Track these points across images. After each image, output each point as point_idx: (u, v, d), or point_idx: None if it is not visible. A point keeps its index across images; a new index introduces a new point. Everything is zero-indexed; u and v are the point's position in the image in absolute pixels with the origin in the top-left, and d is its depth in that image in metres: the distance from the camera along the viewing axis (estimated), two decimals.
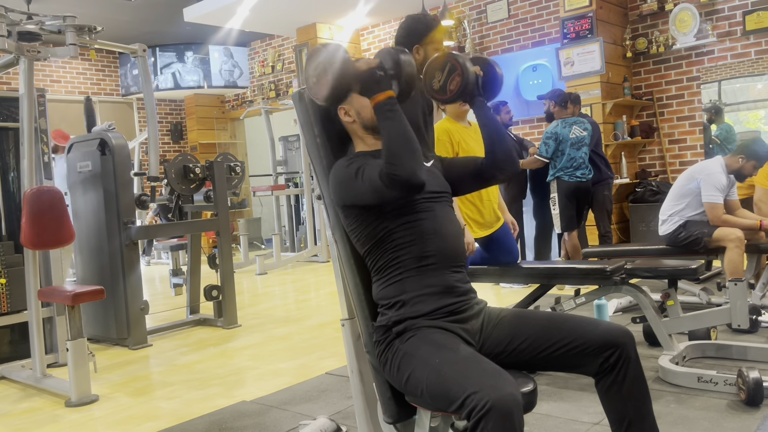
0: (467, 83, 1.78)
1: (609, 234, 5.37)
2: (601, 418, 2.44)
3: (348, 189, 1.69)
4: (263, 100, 9.79)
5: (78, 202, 4.52)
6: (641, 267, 3.20)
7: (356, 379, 1.82)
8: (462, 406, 1.39)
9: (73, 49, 3.75)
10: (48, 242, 3.40)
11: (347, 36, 8.68)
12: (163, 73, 10.03)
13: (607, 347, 1.59)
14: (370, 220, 1.69)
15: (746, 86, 6.24)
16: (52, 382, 3.42)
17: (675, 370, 2.80)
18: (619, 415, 1.63)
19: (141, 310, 4.30)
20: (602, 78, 6.38)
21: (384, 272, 1.70)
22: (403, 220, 1.69)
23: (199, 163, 4.89)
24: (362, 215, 1.70)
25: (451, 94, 1.81)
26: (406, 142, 1.59)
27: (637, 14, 6.79)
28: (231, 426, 2.75)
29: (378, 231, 1.69)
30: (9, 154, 4.07)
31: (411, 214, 1.70)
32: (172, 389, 3.34)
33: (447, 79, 1.80)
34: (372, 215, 1.69)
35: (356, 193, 1.68)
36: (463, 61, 1.78)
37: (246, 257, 8.36)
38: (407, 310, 1.65)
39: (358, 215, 1.71)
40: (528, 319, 1.71)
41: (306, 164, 8.07)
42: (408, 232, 1.69)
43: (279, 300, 5.95)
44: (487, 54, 7.53)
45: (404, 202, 1.70)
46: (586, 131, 5.07)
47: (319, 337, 4.22)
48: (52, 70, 9.47)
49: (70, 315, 3.19)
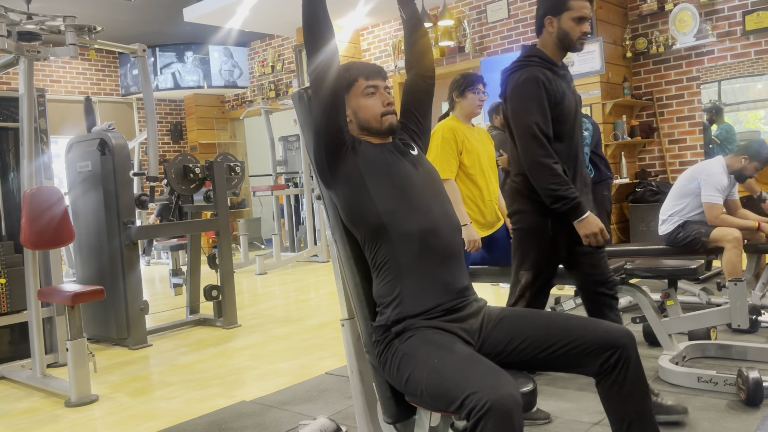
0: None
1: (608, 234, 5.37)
2: (601, 418, 2.44)
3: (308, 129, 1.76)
4: (263, 100, 9.79)
5: (78, 202, 4.52)
6: (641, 267, 3.20)
7: (356, 379, 1.82)
8: (461, 406, 1.39)
9: (73, 49, 3.75)
10: (48, 242, 3.40)
11: (347, 36, 8.67)
12: (163, 73, 10.03)
13: (607, 347, 1.59)
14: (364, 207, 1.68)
15: (746, 86, 6.25)
16: (52, 382, 3.42)
17: (675, 370, 2.80)
18: (620, 415, 1.63)
19: (141, 310, 4.31)
20: (602, 78, 6.38)
21: (382, 269, 1.70)
22: (398, 212, 1.68)
23: (199, 163, 4.90)
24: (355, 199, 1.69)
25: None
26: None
27: (637, 14, 6.79)
28: (231, 426, 2.75)
29: (373, 222, 1.68)
30: (9, 154, 4.07)
31: (405, 206, 1.70)
32: (172, 389, 3.34)
33: None
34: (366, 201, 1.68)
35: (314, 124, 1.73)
36: None
37: (246, 257, 8.37)
38: (404, 307, 1.65)
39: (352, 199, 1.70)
40: (528, 319, 1.70)
41: (306, 164, 8.07)
42: (403, 227, 1.68)
43: (279, 300, 5.95)
44: (487, 54, 7.53)
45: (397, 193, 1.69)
46: (587, 131, 5.07)
47: (319, 337, 4.22)
48: (52, 70, 9.47)
49: (70, 315, 3.19)
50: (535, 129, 2.25)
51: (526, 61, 2.34)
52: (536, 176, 2.28)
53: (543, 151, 2.25)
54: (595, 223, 2.25)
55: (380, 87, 1.83)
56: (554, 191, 2.24)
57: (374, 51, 8.66)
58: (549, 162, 2.25)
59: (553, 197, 2.25)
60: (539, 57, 2.34)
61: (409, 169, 1.78)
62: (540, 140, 2.25)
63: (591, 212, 2.26)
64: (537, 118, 2.25)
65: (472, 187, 3.20)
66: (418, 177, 1.77)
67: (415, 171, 1.78)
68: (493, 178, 3.31)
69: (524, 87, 2.29)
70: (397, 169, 1.75)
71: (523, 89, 2.29)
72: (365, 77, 1.81)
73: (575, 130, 2.38)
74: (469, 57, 7.65)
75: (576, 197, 2.24)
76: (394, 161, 1.77)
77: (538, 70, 2.29)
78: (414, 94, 1.94)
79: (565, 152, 2.33)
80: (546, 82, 2.27)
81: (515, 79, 2.32)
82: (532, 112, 2.26)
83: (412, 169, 1.78)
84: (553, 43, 2.35)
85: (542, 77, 2.28)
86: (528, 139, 2.27)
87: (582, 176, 2.41)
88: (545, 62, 2.33)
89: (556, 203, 2.26)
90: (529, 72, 2.29)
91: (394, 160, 1.77)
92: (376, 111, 1.80)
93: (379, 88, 1.82)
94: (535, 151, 2.26)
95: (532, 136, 2.26)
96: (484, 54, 7.58)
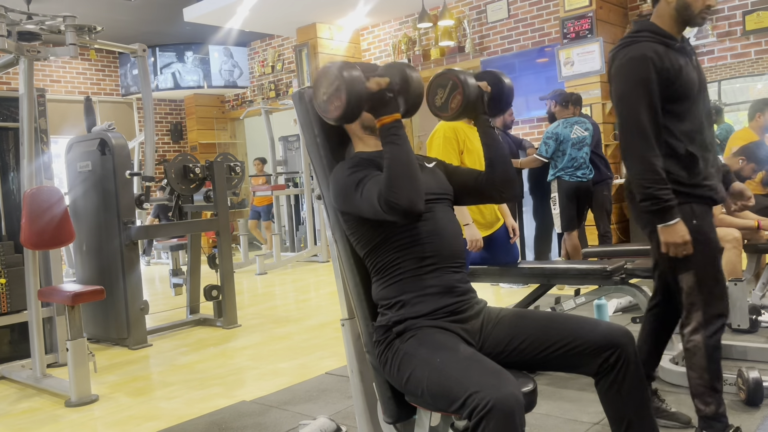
0: (468, 101, 1.77)
1: (608, 234, 5.38)
2: (601, 418, 2.44)
3: (346, 200, 1.68)
4: (263, 100, 9.79)
5: (78, 202, 4.52)
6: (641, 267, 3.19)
7: (356, 379, 1.82)
8: (463, 406, 1.39)
9: (73, 49, 3.75)
10: (48, 242, 3.40)
11: (347, 36, 8.68)
12: (163, 73, 10.03)
13: (606, 347, 1.59)
14: (369, 225, 1.69)
15: (746, 86, 6.24)
16: (52, 382, 3.42)
17: (675, 370, 2.80)
18: (619, 415, 1.63)
19: (141, 310, 4.31)
20: (602, 78, 6.38)
21: (384, 273, 1.71)
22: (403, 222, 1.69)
23: (199, 163, 4.90)
24: (361, 219, 1.70)
25: (452, 112, 1.80)
26: (407, 169, 1.57)
27: (637, 14, 6.79)
28: (231, 426, 2.75)
29: (377, 234, 1.69)
30: (9, 154, 4.07)
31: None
32: (172, 389, 3.34)
33: (449, 96, 1.79)
34: (371, 220, 1.69)
35: (354, 207, 1.67)
36: (464, 78, 1.77)
37: (246, 257, 8.37)
38: (407, 310, 1.66)
39: (357, 219, 1.71)
40: (528, 318, 1.71)
41: (306, 164, 8.07)
42: (407, 234, 1.69)
43: (279, 300, 5.95)
44: (487, 54, 7.53)
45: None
46: (588, 131, 5.07)
47: (319, 337, 4.22)
48: (52, 70, 9.47)
49: (70, 315, 3.19)
50: (640, 118, 2.01)
51: (634, 36, 2.08)
52: (631, 168, 2.08)
53: (644, 144, 2.01)
54: (682, 233, 2.01)
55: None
56: (647, 188, 2.02)
57: (374, 51, 8.66)
58: (648, 156, 2.01)
59: (644, 194, 2.03)
60: (651, 31, 2.07)
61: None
62: (643, 131, 2.01)
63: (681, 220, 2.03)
64: (642, 105, 2.01)
65: None
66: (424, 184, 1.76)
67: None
68: None
69: (630, 67, 2.03)
70: None
71: (629, 70, 2.04)
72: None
73: (698, 109, 2.10)
74: (469, 57, 7.65)
75: (669, 200, 2.01)
76: None
77: (647, 47, 2.02)
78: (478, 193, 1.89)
79: (686, 133, 2.07)
80: (656, 60, 2.01)
81: (621, 58, 2.07)
82: (637, 97, 2.02)
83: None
84: (670, 16, 2.08)
85: (652, 55, 2.01)
86: (629, 128, 2.05)
87: (710, 160, 2.12)
88: (658, 37, 2.06)
89: (645, 201, 2.03)
90: (637, 49, 2.03)
91: None
92: None
93: None
94: (636, 142, 2.03)
95: (634, 126, 2.03)
96: (484, 54, 7.58)
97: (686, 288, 2.09)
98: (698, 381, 2.08)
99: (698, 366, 2.08)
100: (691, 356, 2.09)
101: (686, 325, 2.11)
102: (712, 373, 2.07)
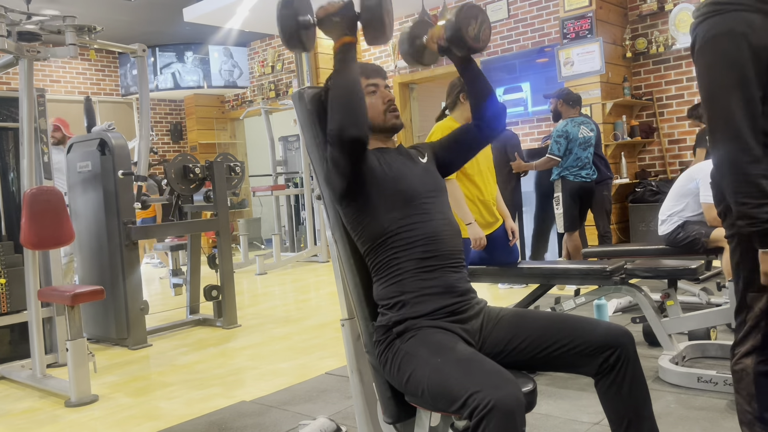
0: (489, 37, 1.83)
1: (608, 234, 5.38)
2: (601, 418, 2.44)
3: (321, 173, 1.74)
4: (263, 100, 9.79)
5: (78, 202, 4.52)
6: (641, 267, 3.20)
7: (356, 379, 1.82)
8: (464, 406, 1.39)
9: (73, 49, 3.75)
10: (48, 242, 3.40)
11: None
12: (162, 73, 10.03)
13: (606, 347, 1.59)
14: (368, 221, 1.70)
15: None
16: (51, 382, 3.42)
17: (675, 370, 2.80)
18: (619, 415, 1.62)
19: (141, 310, 4.31)
20: (602, 78, 6.38)
21: (383, 272, 1.71)
22: (401, 222, 1.70)
23: (198, 163, 4.89)
24: (360, 215, 1.70)
25: (483, 43, 1.82)
26: (343, 93, 1.63)
27: (636, 14, 6.79)
28: (231, 426, 2.75)
29: (376, 232, 1.69)
30: (9, 154, 4.07)
31: (409, 215, 1.71)
32: (172, 389, 3.34)
33: (480, 29, 1.80)
34: (369, 215, 1.69)
35: (326, 176, 1.72)
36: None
37: (246, 257, 8.37)
38: (408, 310, 1.66)
39: (357, 212, 1.71)
40: (528, 319, 1.71)
41: (306, 164, 8.07)
42: (406, 234, 1.69)
43: (279, 300, 5.95)
44: (487, 54, 7.53)
45: (401, 204, 1.70)
46: (593, 132, 5.08)
47: (319, 337, 4.22)
48: (52, 70, 9.47)
49: (70, 315, 3.19)
50: (732, 116, 1.54)
51: (719, 5, 1.57)
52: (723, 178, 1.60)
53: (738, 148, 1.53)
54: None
55: (381, 85, 1.83)
56: (742, 204, 1.54)
57: (374, 51, 8.66)
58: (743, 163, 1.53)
59: (740, 212, 1.57)
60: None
61: (413, 174, 1.78)
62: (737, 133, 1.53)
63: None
64: (734, 98, 1.53)
65: (471, 187, 3.20)
66: (422, 183, 1.77)
67: (419, 177, 1.78)
68: (490, 179, 3.31)
69: (715, 47, 1.56)
70: (402, 175, 1.76)
71: (713, 50, 1.57)
72: (365, 76, 1.81)
73: None
74: None
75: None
76: (399, 167, 1.77)
77: (738, 18, 1.53)
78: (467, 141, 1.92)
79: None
80: (751, 35, 1.52)
81: (704, 33, 1.59)
82: (727, 89, 1.55)
83: (416, 174, 1.78)
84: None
85: (745, 29, 1.52)
86: (719, 129, 1.58)
87: None
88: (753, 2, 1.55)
89: (741, 219, 1.58)
90: (724, 23, 1.55)
91: (398, 167, 1.77)
92: (378, 109, 1.81)
93: (379, 87, 1.83)
94: (727, 146, 1.55)
95: (724, 127, 1.56)
96: (484, 54, 7.58)
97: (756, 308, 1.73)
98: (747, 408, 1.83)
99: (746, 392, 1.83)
100: (739, 380, 1.84)
101: (740, 344, 1.81)
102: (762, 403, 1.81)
